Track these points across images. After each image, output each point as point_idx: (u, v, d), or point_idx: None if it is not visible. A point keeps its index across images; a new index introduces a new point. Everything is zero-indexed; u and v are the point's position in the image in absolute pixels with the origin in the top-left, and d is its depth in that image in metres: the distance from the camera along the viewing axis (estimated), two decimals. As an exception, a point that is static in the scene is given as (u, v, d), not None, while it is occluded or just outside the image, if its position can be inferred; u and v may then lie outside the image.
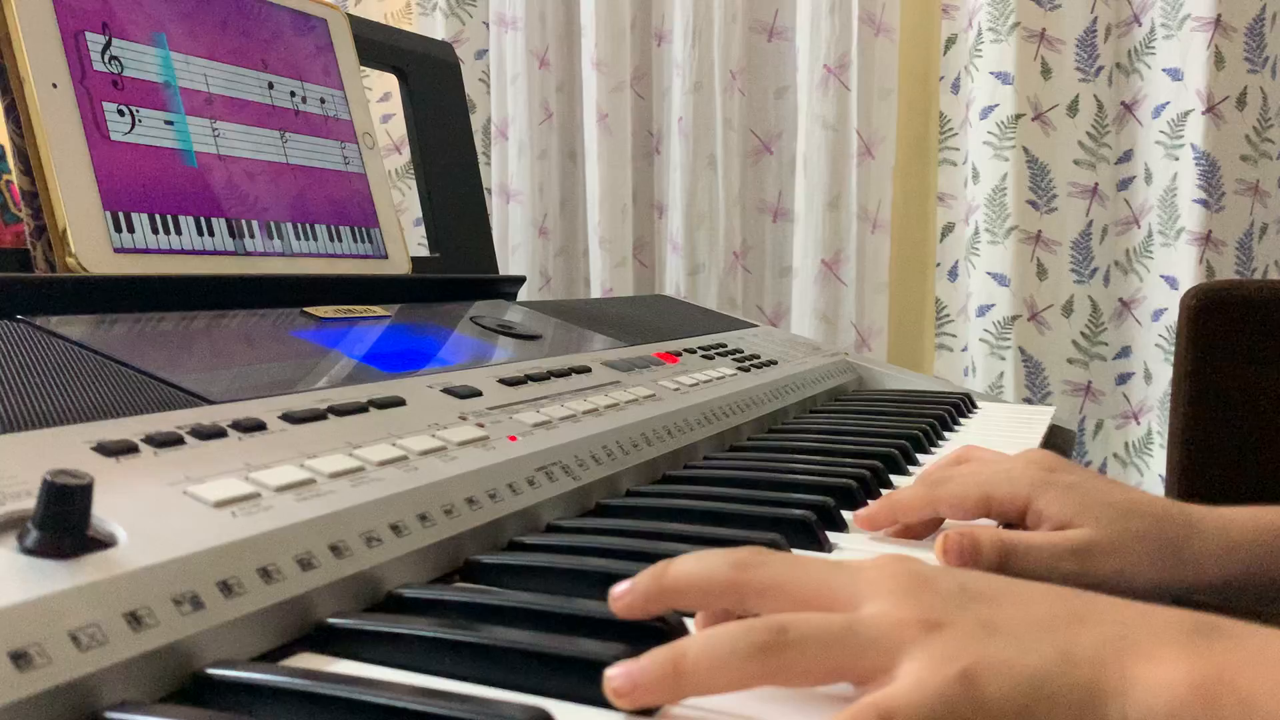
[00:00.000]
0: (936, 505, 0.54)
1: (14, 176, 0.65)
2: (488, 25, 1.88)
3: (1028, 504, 0.53)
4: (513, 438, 0.55)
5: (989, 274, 1.56)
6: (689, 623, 0.38)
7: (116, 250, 0.65)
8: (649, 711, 0.32)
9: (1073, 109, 1.54)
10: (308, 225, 0.81)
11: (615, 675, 0.32)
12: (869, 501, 0.60)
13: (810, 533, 0.51)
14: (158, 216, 0.69)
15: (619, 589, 0.36)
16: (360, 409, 0.52)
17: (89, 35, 0.67)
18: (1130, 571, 0.50)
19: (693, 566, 0.36)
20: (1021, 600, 0.34)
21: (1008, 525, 0.55)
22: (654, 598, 0.36)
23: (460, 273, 1.00)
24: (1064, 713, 0.30)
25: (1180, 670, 0.30)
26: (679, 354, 0.88)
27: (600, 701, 0.32)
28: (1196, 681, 0.30)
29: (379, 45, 0.98)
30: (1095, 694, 0.30)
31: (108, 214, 0.65)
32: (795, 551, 0.48)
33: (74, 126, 0.65)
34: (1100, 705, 0.30)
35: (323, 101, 0.86)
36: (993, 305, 1.56)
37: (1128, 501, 0.53)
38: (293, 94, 0.83)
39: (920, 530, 0.55)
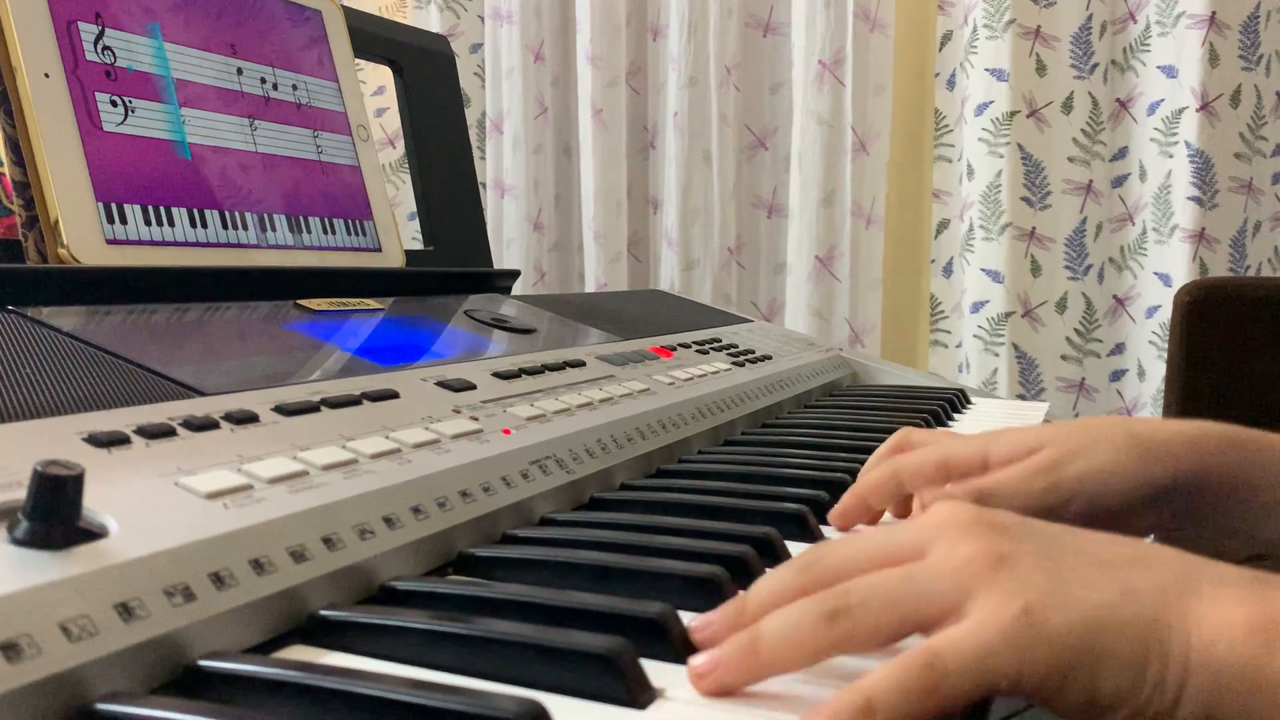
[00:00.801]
0: (899, 479, 0.54)
1: (5, 167, 0.65)
2: (483, 19, 1.87)
3: (985, 457, 0.52)
4: (506, 431, 0.55)
5: (983, 270, 1.56)
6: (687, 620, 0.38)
7: (109, 241, 0.65)
8: (644, 704, 0.32)
9: (1067, 106, 1.54)
10: (301, 218, 0.80)
11: (698, 659, 0.33)
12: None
13: (804, 526, 0.51)
14: (150, 208, 0.68)
15: (698, 623, 0.35)
16: (353, 401, 0.52)
17: (81, 25, 0.67)
18: (1101, 468, 0.50)
19: (766, 590, 0.35)
20: (1085, 538, 0.34)
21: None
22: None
23: (454, 267, 1.00)
24: (1126, 644, 0.30)
25: (1240, 612, 0.30)
26: (673, 348, 0.88)
27: (594, 694, 0.32)
28: (1256, 623, 0.30)
29: (374, 37, 0.98)
30: (1158, 626, 0.30)
31: (100, 205, 0.65)
32: (790, 545, 0.48)
33: (66, 117, 0.64)
34: (1163, 638, 0.30)
35: (317, 93, 0.85)
36: (987, 302, 1.56)
37: (1084, 420, 0.53)
38: (287, 86, 0.83)
39: (898, 513, 0.55)
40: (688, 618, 0.37)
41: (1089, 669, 0.30)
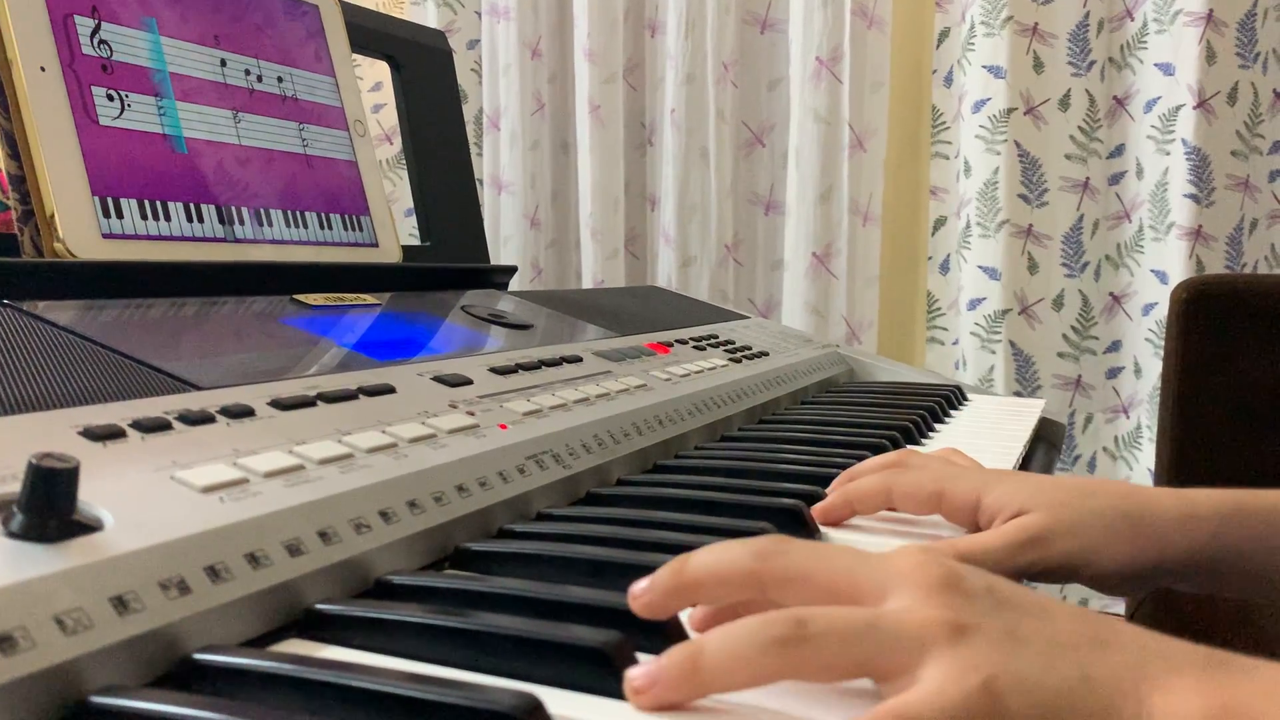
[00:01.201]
0: (892, 496, 0.54)
1: (1, 161, 0.65)
2: (480, 15, 1.87)
3: (979, 500, 0.52)
4: (503, 426, 0.55)
5: (980, 268, 1.56)
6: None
7: (105, 236, 0.65)
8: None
9: (1064, 103, 1.54)
10: (298, 213, 0.80)
11: (635, 675, 0.32)
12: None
13: (800, 522, 0.51)
14: (147, 202, 0.68)
15: (638, 587, 0.35)
16: (350, 396, 0.52)
17: (78, 19, 0.67)
18: (1089, 549, 0.50)
19: (713, 558, 0.35)
20: (1046, 614, 0.34)
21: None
22: (674, 592, 0.35)
23: (451, 262, 1.00)
24: None
25: (1193, 702, 0.30)
26: (670, 345, 0.88)
27: (589, 688, 0.32)
28: (1212, 712, 0.30)
29: (371, 32, 0.98)
30: (1111, 718, 0.30)
31: (96, 199, 0.65)
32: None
33: (62, 111, 0.64)
34: None
35: (314, 88, 0.85)
36: (984, 299, 1.56)
37: (1080, 484, 0.53)
38: (283, 80, 0.82)
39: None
40: (684, 613, 0.37)
41: None
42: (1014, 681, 0.30)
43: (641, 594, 0.35)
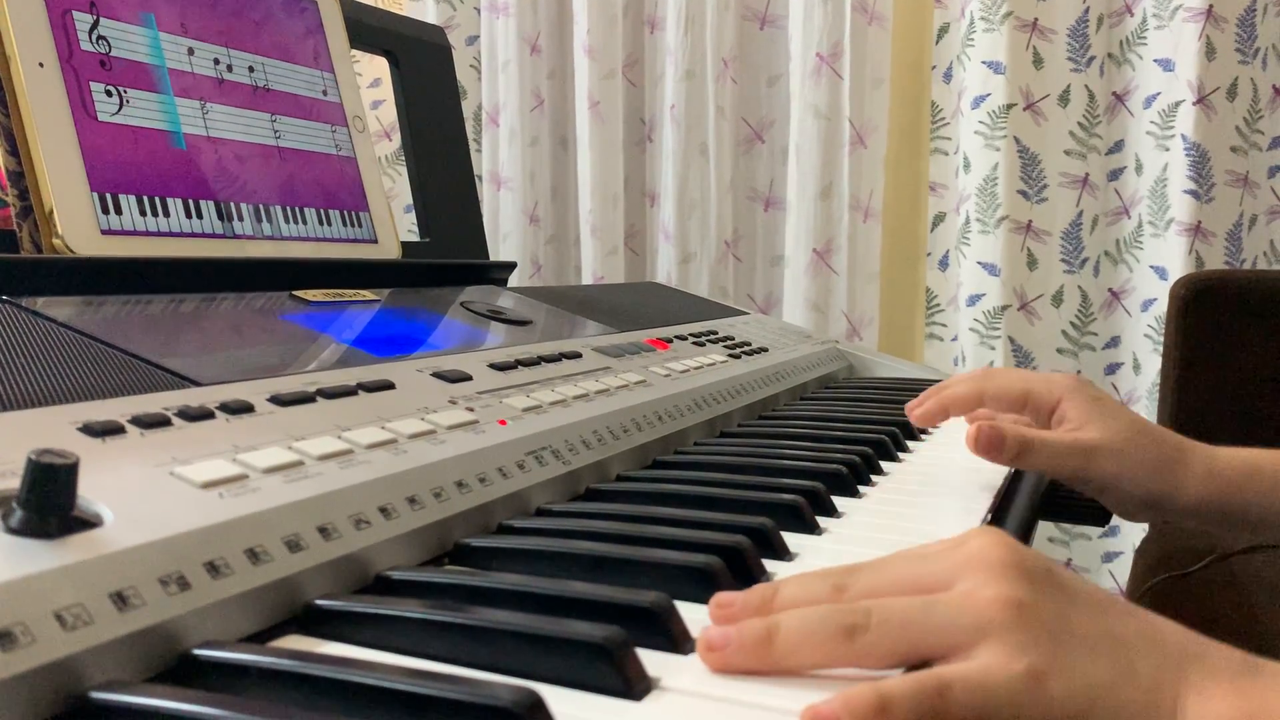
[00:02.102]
0: (984, 397, 0.64)
1: (0, 157, 0.65)
2: (479, 11, 1.87)
3: (1059, 403, 0.63)
4: (502, 422, 0.55)
5: (979, 264, 1.56)
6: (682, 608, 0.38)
7: (104, 232, 0.65)
8: (640, 693, 0.32)
9: (1064, 99, 1.54)
10: (297, 209, 0.80)
11: (714, 632, 0.33)
12: (859, 488, 0.60)
13: (800, 517, 0.51)
14: (145, 198, 0.68)
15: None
16: (349, 392, 0.52)
17: (76, 14, 0.67)
18: (1125, 477, 0.60)
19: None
20: (1099, 606, 0.35)
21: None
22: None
23: (450, 258, 1.00)
24: None
25: (1227, 705, 0.32)
26: (670, 340, 0.88)
27: (589, 683, 0.32)
28: (1240, 718, 0.32)
29: (370, 28, 0.97)
30: (1148, 715, 0.32)
31: (95, 195, 0.65)
32: (786, 535, 0.48)
33: (61, 106, 0.64)
34: None
35: (312, 84, 0.85)
36: (983, 295, 1.56)
37: (1137, 420, 0.63)
38: (282, 76, 0.82)
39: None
40: (684, 607, 0.37)
41: None
42: (1060, 668, 0.32)
43: (724, 610, 0.36)
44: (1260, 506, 0.61)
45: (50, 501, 0.32)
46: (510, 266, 1.02)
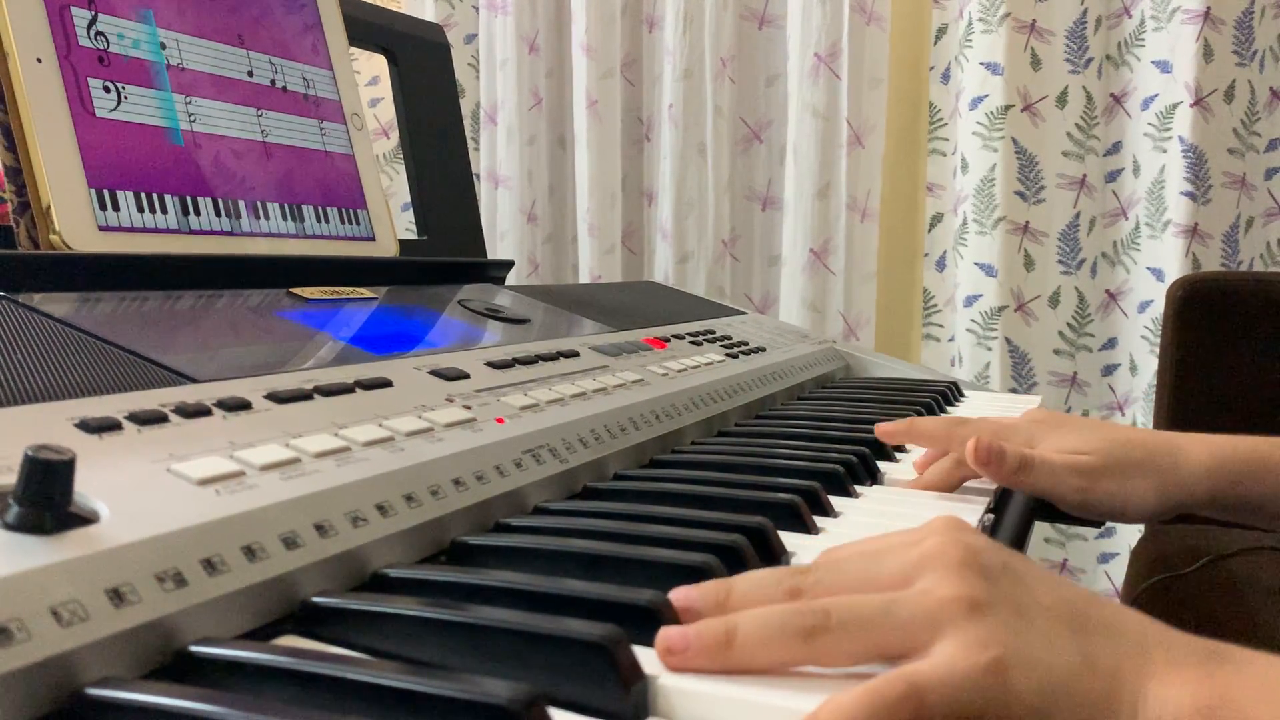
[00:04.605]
0: (951, 441, 0.62)
1: (-3, 153, 0.65)
2: (477, 9, 1.87)
3: (1030, 433, 0.63)
4: (500, 420, 0.55)
5: (976, 264, 1.56)
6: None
7: (101, 228, 0.65)
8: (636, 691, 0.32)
9: (1062, 100, 1.54)
10: (295, 206, 0.80)
11: (672, 634, 0.33)
12: (855, 487, 0.60)
13: (796, 516, 0.51)
14: (143, 195, 0.68)
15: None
16: (346, 390, 0.52)
17: (74, 10, 0.67)
18: (1127, 494, 0.60)
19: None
20: (1057, 596, 0.35)
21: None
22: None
23: (448, 256, 1.00)
24: (1079, 716, 0.32)
25: (1188, 693, 0.32)
26: (667, 340, 0.88)
27: (585, 681, 0.32)
28: (1202, 704, 0.31)
29: (368, 25, 0.97)
30: (1110, 703, 0.32)
31: (92, 191, 0.65)
32: (784, 535, 0.48)
33: (59, 102, 0.64)
34: (1113, 715, 0.32)
35: (311, 81, 0.85)
36: (980, 295, 1.56)
37: (1125, 435, 0.63)
38: (281, 73, 0.82)
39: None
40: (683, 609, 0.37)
41: None
42: (1021, 660, 0.32)
43: (682, 603, 0.36)
44: (1269, 497, 0.62)
45: (47, 497, 0.32)
46: (508, 265, 1.02)
